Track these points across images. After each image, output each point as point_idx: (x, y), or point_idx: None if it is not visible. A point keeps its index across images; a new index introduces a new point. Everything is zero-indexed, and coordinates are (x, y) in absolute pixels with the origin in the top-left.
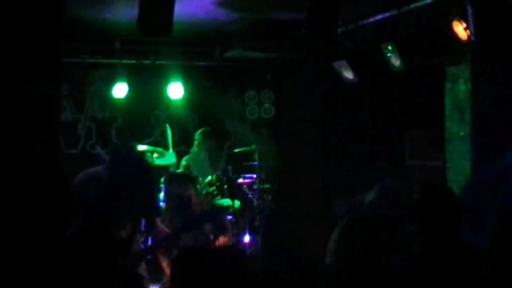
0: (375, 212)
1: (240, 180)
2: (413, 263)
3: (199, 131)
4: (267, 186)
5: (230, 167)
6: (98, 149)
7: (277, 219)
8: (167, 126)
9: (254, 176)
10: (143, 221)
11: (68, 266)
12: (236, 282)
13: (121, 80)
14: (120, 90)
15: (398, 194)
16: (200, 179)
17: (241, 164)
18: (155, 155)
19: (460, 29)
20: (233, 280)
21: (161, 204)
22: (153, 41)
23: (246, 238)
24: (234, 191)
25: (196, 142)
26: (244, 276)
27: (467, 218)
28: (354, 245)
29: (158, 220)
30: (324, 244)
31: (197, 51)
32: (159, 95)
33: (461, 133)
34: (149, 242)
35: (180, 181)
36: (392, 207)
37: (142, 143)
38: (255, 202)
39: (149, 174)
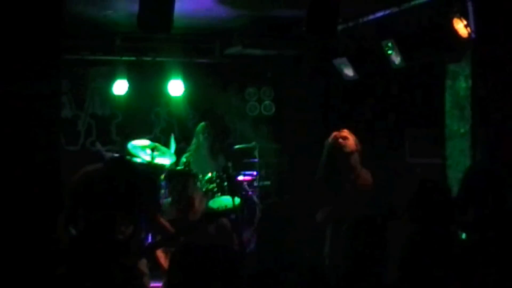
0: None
1: (240, 177)
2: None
3: (200, 124)
4: (267, 183)
5: (230, 164)
6: (98, 146)
7: (272, 213)
8: (172, 138)
9: (254, 173)
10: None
11: (70, 264)
12: (232, 280)
13: (122, 77)
14: (120, 87)
15: None
16: (200, 176)
17: (241, 161)
18: (156, 152)
19: (461, 27)
20: (229, 278)
21: (162, 200)
22: (153, 38)
23: (246, 235)
24: (234, 188)
25: (196, 137)
26: (240, 273)
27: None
28: (358, 246)
29: (160, 216)
30: (323, 241)
31: (197, 48)
32: (159, 92)
33: (462, 130)
34: (149, 240)
35: (180, 178)
36: None
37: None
38: (255, 199)
39: (149, 181)
